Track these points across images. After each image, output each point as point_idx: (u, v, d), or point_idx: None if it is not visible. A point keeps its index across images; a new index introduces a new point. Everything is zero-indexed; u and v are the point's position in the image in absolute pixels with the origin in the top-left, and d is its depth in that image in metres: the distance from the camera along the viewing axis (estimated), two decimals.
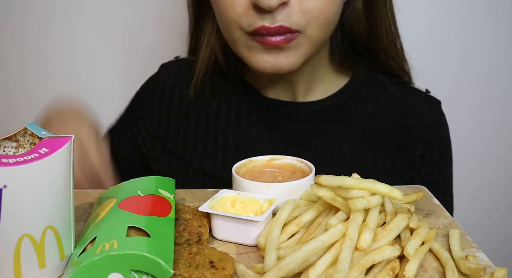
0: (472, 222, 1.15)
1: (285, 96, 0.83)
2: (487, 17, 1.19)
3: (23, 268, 0.45)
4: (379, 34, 0.81)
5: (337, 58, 0.84)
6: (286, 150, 0.75)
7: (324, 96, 0.84)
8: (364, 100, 0.84)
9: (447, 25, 1.19)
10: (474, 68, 1.23)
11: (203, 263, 0.47)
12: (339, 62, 0.85)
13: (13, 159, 0.43)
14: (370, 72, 0.86)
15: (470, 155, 1.25)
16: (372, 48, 0.83)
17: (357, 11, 0.79)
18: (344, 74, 0.86)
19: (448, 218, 0.61)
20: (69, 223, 0.49)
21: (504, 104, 1.26)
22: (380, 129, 0.83)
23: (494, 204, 1.33)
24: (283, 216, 0.53)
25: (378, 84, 0.86)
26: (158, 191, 0.57)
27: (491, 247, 0.77)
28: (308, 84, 0.83)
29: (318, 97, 0.84)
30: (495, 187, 1.32)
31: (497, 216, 1.34)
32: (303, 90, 0.83)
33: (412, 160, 0.83)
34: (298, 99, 0.83)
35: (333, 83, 0.85)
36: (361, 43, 0.83)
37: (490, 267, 0.50)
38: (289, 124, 0.82)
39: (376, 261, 0.46)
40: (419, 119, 0.84)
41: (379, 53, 0.83)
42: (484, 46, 1.21)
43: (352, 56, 0.84)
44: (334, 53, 0.84)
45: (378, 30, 0.81)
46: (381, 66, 0.85)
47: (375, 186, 0.50)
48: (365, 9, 0.80)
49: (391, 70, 0.86)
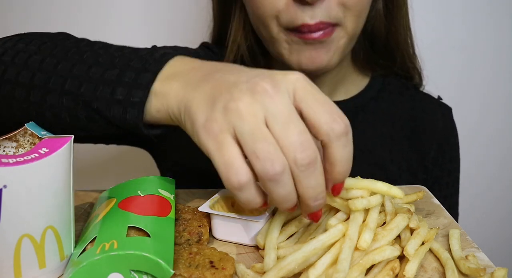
0: (472, 222, 1.15)
1: None
2: (489, 17, 1.19)
3: (23, 268, 0.45)
4: (397, 32, 0.83)
5: (360, 57, 0.86)
6: None
7: (347, 97, 0.86)
8: (383, 102, 0.87)
9: (449, 26, 1.19)
10: (475, 69, 1.23)
11: (203, 263, 0.47)
12: (361, 62, 0.87)
13: (13, 159, 0.43)
14: (388, 76, 0.89)
15: (470, 155, 1.25)
16: (389, 47, 0.84)
17: (378, 10, 0.81)
18: (364, 74, 0.88)
19: (448, 218, 0.61)
20: (69, 223, 0.49)
21: (505, 104, 1.26)
22: (397, 131, 0.85)
23: (494, 204, 1.34)
24: (282, 216, 0.53)
25: (395, 88, 0.89)
26: (158, 191, 0.57)
27: (491, 247, 0.77)
28: (334, 86, 0.84)
29: (341, 98, 0.85)
30: (495, 187, 1.32)
31: (497, 216, 1.34)
32: (327, 91, 0.84)
33: (426, 161, 0.86)
34: None
35: (355, 85, 0.87)
36: (380, 42, 0.84)
37: (490, 267, 0.50)
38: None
39: (376, 261, 0.46)
40: (432, 123, 0.87)
41: (395, 53, 0.85)
42: (486, 47, 1.21)
43: (373, 55, 0.86)
44: (357, 52, 0.86)
45: (396, 28, 0.83)
46: (397, 68, 0.87)
47: (374, 185, 0.50)
48: (385, 8, 0.81)
49: (406, 71, 0.88)
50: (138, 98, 0.48)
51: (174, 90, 0.47)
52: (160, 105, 0.48)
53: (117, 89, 0.49)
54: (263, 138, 0.41)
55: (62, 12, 1.20)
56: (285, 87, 0.43)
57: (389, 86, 0.88)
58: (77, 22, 1.21)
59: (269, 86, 0.42)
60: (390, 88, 0.88)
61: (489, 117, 1.26)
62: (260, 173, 0.41)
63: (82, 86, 0.51)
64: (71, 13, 1.20)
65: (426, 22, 1.16)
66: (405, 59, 0.86)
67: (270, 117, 0.42)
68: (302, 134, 0.42)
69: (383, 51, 0.85)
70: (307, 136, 0.42)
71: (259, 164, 0.41)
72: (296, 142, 0.41)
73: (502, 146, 1.29)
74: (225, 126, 0.42)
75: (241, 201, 0.44)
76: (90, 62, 0.52)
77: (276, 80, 0.43)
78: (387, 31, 0.83)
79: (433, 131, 0.87)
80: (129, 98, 0.49)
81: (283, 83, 0.43)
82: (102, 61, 0.52)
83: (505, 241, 1.34)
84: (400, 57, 0.85)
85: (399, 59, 0.85)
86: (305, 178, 0.42)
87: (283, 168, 0.41)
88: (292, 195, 0.43)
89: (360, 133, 0.83)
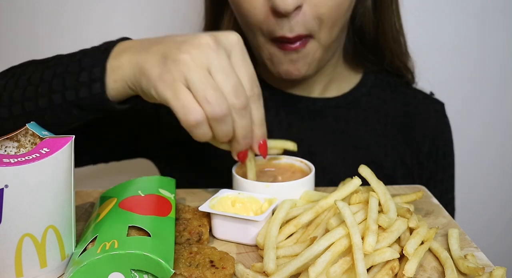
0: (471, 222, 1.15)
1: (301, 92, 0.85)
2: (489, 17, 1.19)
3: (24, 268, 0.45)
4: (385, 29, 0.83)
5: (350, 52, 0.87)
6: (302, 144, 0.76)
7: (340, 93, 0.86)
8: (375, 99, 0.87)
9: (449, 26, 1.19)
10: (476, 69, 1.23)
11: (203, 263, 0.48)
12: (351, 58, 0.87)
13: (14, 159, 0.44)
14: (380, 73, 0.89)
15: (470, 155, 1.25)
16: (379, 44, 0.84)
17: (366, 6, 0.82)
18: (356, 71, 0.89)
19: (447, 217, 0.61)
20: (70, 222, 0.49)
21: (506, 104, 1.26)
22: (391, 128, 0.86)
23: (493, 203, 1.34)
24: (281, 215, 0.53)
25: (387, 85, 0.89)
26: (159, 191, 0.58)
27: (490, 247, 0.78)
28: (326, 83, 0.85)
29: (333, 95, 0.86)
30: (494, 187, 1.32)
31: (495, 216, 1.35)
32: (320, 89, 0.85)
33: (420, 157, 0.86)
34: (313, 94, 0.85)
35: (347, 81, 0.88)
36: (370, 38, 0.84)
37: (488, 266, 0.50)
38: (305, 118, 0.84)
39: (376, 262, 0.47)
40: (425, 119, 0.88)
41: (384, 50, 0.85)
42: (487, 47, 1.21)
43: (363, 51, 0.87)
44: (347, 48, 0.86)
45: (384, 25, 0.83)
46: (387, 65, 0.87)
47: (283, 144, 0.65)
48: (373, 5, 0.82)
49: (396, 69, 0.88)
50: (98, 74, 0.57)
51: (126, 60, 0.56)
52: (117, 76, 0.57)
53: (80, 74, 0.58)
54: (211, 86, 0.51)
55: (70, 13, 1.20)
56: (224, 45, 0.54)
57: (382, 83, 0.89)
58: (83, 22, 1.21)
59: (212, 42, 0.52)
60: (382, 85, 0.89)
61: (489, 117, 1.26)
62: (211, 115, 0.52)
63: (53, 82, 0.60)
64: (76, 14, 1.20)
65: (427, 21, 1.17)
66: (394, 57, 0.86)
67: (213, 68, 0.52)
68: (238, 84, 0.53)
69: (372, 47, 0.86)
70: (241, 86, 0.54)
71: (210, 107, 0.52)
72: (233, 90, 0.53)
73: (502, 145, 1.29)
74: (177, 76, 0.52)
75: (197, 136, 0.54)
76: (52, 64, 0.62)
77: (218, 38, 0.54)
78: (375, 28, 0.84)
79: (426, 127, 0.87)
80: (90, 77, 0.58)
81: (223, 41, 0.54)
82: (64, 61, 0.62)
83: (503, 241, 1.34)
84: (389, 55, 0.86)
85: (388, 56, 0.86)
86: (239, 119, 0.54)
87: (228, 111, 0.53)
88: (230, 132, 0.55)
89: (353, 130, 0.84)
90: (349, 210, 0.48)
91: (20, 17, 1.19)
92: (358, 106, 0.86)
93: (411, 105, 0.88)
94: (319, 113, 0.84)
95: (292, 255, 0.50)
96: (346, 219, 0.47)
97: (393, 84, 0.90)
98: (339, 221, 0.50)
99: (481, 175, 1.31)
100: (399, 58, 0.86)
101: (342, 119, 0.84)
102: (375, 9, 0.83)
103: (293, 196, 0.59)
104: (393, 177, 0.83)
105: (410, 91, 0.90)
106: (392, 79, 0.90)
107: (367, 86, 0.88)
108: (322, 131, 0.83)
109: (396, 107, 0.87)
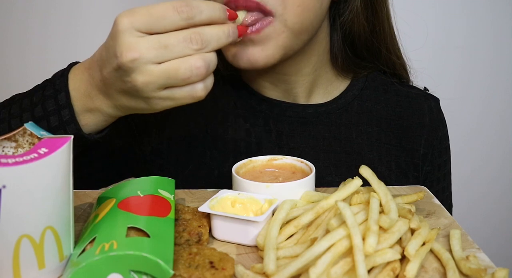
0: (473, 223, 1.15)
1: (286, 98, 0.83)
2: (489, 17, 1.19)
3: (22, 269, 0.45)
4: (382, 31, 0.81)
5: (340, 62, 0.84)
6: (293, 152, 0.75)
7: (328, 99, 0.84)
8: (367, 101, 0.85)
9: (449, 25, 1.19)
10: (475, 69, 1.23)
11: (203, 264, 0.47)
12: (341, 67, 0.84)
13: (12, 159, 0.43)
14: (371, 72, 0.87)
15: (470, 154, 1.25)
16: (373, 47, 0.83)
17: (354, 12, 0.78)
18: (345, 76, 0.86)
19: (449, 218, 0.61)
20: (68, 223, 0.49)
21: (506, 104, 1.26)
22: (384, 130, 0.84)
23: (495, 204, 1.33)
24: (281, 216, 0.53)
25: (379, 84, 0.87)
26: (158, 191, 0.57)
27: (492, 248, 0.77)
28: (310, 87, 0.82)
29: (320, 100, 0.84)
30: (496, 187, 1.32)
31: (498, 217, 1.34)
32: (304, 93, 0.82)
33: (416, 159, 0.84)
34: (299, 101, 0.83)
35: (335, 85, 0.85)
36: (361, 44, 0.82)
37: (491, 267, 0.50)
38: (295, 126, 0.82)
39: (377, 264, 0.46)
40: (419, 118, 0.85)
41: (381, 50, 0.83)
42: (486, 47, 1.21)
43: (354, 60, 0.84)
44: (336, 58, 0.83)
45: (381, 27, 0.81)
46: (382, 65, 0.85)
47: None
48: (364, 9, 0.79)
49: (392, 68, 0.86)
50: (68, 116, 0.60)
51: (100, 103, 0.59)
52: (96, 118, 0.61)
53: (50, 119, 0.61)
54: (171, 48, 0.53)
55: (64, 11, 1.20)
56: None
57: (373, 83, 0.86)
58: (79, 21, 1.21)
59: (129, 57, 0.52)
60: (374, 85, 0.86)
61: (489, 117, 1.26)
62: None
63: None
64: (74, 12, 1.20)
65: (425, 22, 1.17)
66: (392, 57, 0.84)
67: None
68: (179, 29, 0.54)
69: (366, 53, 0.83)
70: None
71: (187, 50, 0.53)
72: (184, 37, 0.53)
73: (502, 145, 1.29)
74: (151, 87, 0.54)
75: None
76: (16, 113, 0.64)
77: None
78: (370, 31, 0.81)
79: (420, 127, 0.85)
80: (61, 119, 0.60)
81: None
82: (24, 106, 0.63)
83: (506, 242, 1.34)
84: (386, 56, 0.83)
85: (385, 58, 0.83)
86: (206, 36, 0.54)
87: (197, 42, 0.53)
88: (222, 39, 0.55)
89: (345, 135, 0.82)
90: (350, 211, 0.47)
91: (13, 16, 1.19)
92: (350, 110, 0.83)
93: (404, 104, 0.86)
94: (309, 121, 0.82)
95: (292, 256, 0.50)
96: (347, 219, 0.47)
97: (385, 83, 0.87)
98: (339, 222, 0.49)
99: (487, 178, 1.30)
100: (397, 56, 0.85)
101: (333, 125, 0.82)
102: (367, 13, 0.79)
103: (293, 196, 0.59)
104: (387, 181, 0.81)
105: (403, 89, 0.87)
106: (384, 77, 0.87)
107: (358, 88, 0.85)
108: (313, 139, 0.81)
109: (389, 108, 0.85)
